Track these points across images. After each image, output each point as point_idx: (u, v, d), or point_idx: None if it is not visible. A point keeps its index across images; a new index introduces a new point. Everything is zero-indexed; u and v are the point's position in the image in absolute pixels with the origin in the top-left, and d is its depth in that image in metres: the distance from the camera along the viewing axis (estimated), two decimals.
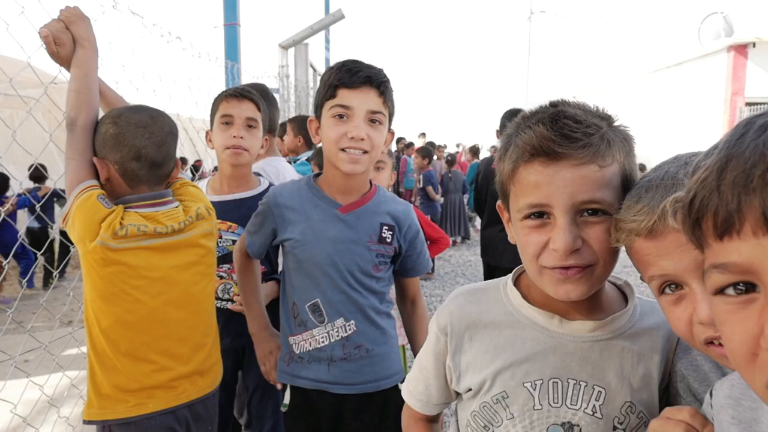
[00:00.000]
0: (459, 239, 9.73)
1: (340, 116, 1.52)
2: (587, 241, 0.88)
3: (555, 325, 0.99)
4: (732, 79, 13.28)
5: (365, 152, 1.54)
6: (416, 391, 1.15)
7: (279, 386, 1.75)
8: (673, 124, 14.79)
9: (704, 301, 0.74)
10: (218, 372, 1.75)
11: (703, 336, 0.76)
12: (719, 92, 13.50)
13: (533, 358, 0.98)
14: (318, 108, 1.60)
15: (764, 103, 12.31)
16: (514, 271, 1.10)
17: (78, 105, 1.56)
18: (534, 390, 0.96)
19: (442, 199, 9.15)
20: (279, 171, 2.77)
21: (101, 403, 1.52)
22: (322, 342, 1.63)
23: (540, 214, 0.90)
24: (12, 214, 6.57)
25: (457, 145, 18.58)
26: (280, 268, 2.12)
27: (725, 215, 0.49)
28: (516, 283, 1.07)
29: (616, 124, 0.93)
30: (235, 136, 2.00)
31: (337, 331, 1.62)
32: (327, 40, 14.71)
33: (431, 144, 11.26)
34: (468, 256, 8.86)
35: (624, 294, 1.06)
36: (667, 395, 0.99)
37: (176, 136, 1.65)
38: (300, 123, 4.32)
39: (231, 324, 2.05)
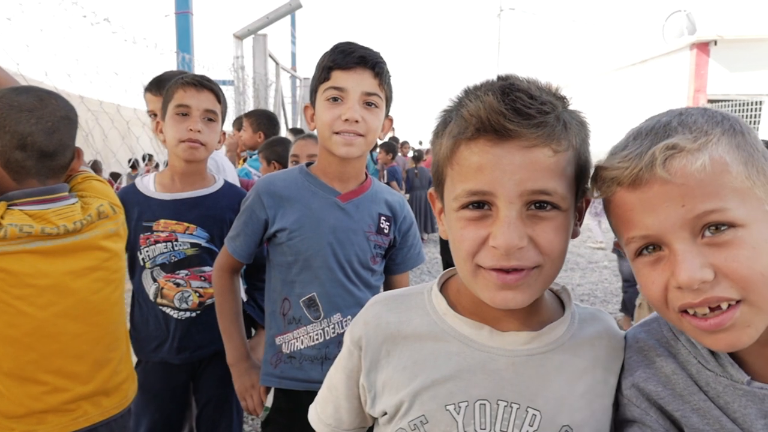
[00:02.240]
0: (425, 236, 9.62)
1: (334, 99, 1.47)
2: (534, 239, 0.74)
3: (484, 337, 0.84)
4: (695, 77, 13.48)
5: (360, 135, 1.47)
6: (324, 414, 1.00)
7: (263, 398, 1.64)
8: (638, 121, 14.96)
9: (686, 262, 0.67)
10: (128, 390, 1.55)
11: (679, 303, 0.70)
12: (682, 89, 13.70)
13: (458, 376, 0.83)
14: (312, 93, 1.54)
15: (726, 101, 12.54)
16: (441, 275, 0.96)
17: None
18: (458, 414, 0.81)
19: (407, 195, 9.02)
20: (218, 164, 2.59)
21: None
22: (317, 339, 1.54)
23: (480, 204, 0.76)
24: None
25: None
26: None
27: None
28: (444, 288, 0.93)
29: (570, 107, 0.79)
30: (191, 129, 1.80)
31: (333, 328, 1.54)
32: (293, 35, 14.49)
33: (395, 139, 11.14)
34: (434, 253, 8.74)
35: (560, 300, 0.93)
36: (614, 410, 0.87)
37: (73, 122, 1.45)
38: (259, 118, 4.14)
39: (190, 335, 1.86)
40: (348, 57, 1.45)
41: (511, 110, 0.72)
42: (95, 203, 1.45)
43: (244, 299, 2.15)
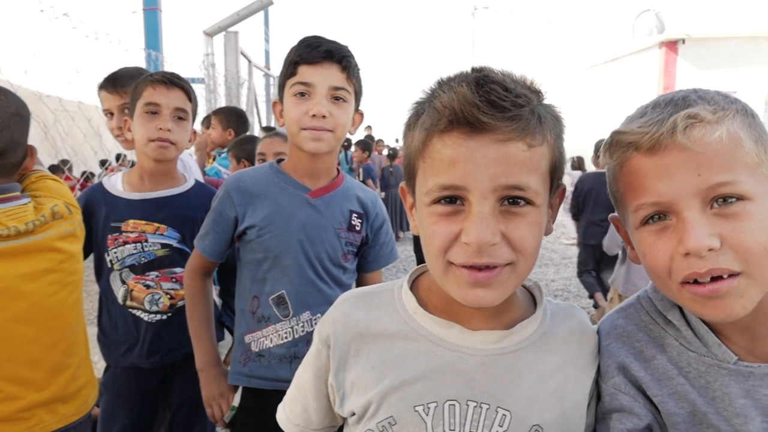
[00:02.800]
0: (401, 234, 9.63)
1: (302, 94, 1.45)
2: (507, 236, 0.73)
3: (454, 336, 0.83)
4: (664, 74, 13.73)
5: (329, 131, 1.46)
6: (293, 414, 0.97)
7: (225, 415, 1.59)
8: (609, 118, 15.19)
9: (696, 229, 0.69)
10: (89, 396, 1.50)
11: (685, 273, 0.71)
12: (652, 87, 13.93)
13: (427, 376, 0.81)
14: (280, 89, 1.53)
15: None
16: (411, 271, 0.94)
17: None
18: (427, 415, 0.80)
19: (382, 194, 9.01)
20: (184, 163, 2.53)
21: None
22: (286, 338, 1.52)
23: (452, 199, 0.74)
24: None
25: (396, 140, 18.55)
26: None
27: None
28: (415, 285, 0.91)
29: (545, 101, 0.78)
30: (161, 128, 1.75)
31: (302, 326, 1.52)
32: (266, 33, 14.36)
33: (370, 137, 11.12)
34: (410, 250, 8.75)
35: (533, 296, 0.91)
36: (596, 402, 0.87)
37: (25, 119, 1.39)
38: (228, 116, 4.07)
39: (161, 339, 1.81)
40: (314, 51, 1.43)
41: (486, 102, 0.70)
42: (49, 203, 1.40)
43: (217, 301, 2.11)
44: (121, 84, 2.08)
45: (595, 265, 5.06)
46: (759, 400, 0.75)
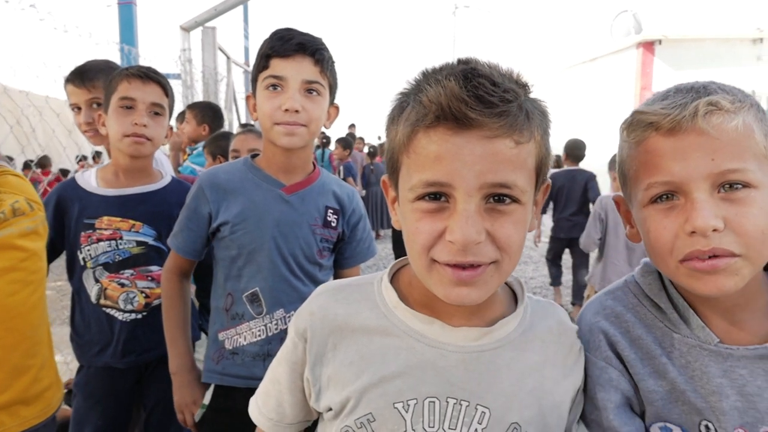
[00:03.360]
0: (381, 232, 9.62)
1: (274, 87, 1.43)
2: (491, 234, 0.71)
3: (435, 332, 0.82)
4: (641, 75, 13.90)
5: (302, 125, 1.44)
6: (266, 408, 0.95)
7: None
8: (587, 117, 15.36)
9: (704, 210, 0.73)
10: (53, 398, 1.46)
11: (688, 250, 0.76)
12: (630, 87, 14.10)
13: (408, 372, 0.80)
14: (253, 82, 1.51)
15: None
16: (392, 264, 0.92)
17: None
18: (406, 412, 0.79)
19: (363, 192, 8.99)
20: (157, 160, 2.48)
21: None
22: (259, 335, 1.50)
23: (437, 196, 0.72)
24: None
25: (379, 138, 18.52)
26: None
27: None
28: (395, 279, 0.89)
29: (532, 95, 0.76)
30: (137, 123, 1.71)
31: (276, 324, 1.50)
32: (245, 29, 14.24)
33: (351, 135, 11.09)
34: (390, 248, 8.75)
35: (514, 293, 0.91)
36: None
37: None
38: (203, 110, 4.02)
39: (136, 338, 1.77)
40: (286, 44, 1.41)
41: (473, 97, 0.68)
42: (9, 200, 1.35)
43: (195, 302, 2.08)
44: (89, 78, 2.04)
45: (560, 255, 5.71)
46: (735, 380, 0.80)
